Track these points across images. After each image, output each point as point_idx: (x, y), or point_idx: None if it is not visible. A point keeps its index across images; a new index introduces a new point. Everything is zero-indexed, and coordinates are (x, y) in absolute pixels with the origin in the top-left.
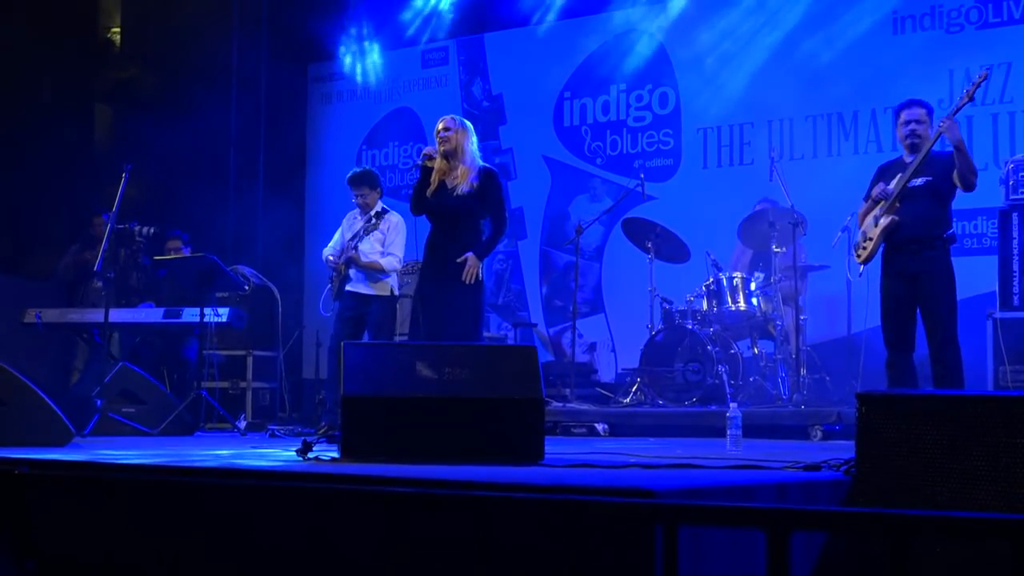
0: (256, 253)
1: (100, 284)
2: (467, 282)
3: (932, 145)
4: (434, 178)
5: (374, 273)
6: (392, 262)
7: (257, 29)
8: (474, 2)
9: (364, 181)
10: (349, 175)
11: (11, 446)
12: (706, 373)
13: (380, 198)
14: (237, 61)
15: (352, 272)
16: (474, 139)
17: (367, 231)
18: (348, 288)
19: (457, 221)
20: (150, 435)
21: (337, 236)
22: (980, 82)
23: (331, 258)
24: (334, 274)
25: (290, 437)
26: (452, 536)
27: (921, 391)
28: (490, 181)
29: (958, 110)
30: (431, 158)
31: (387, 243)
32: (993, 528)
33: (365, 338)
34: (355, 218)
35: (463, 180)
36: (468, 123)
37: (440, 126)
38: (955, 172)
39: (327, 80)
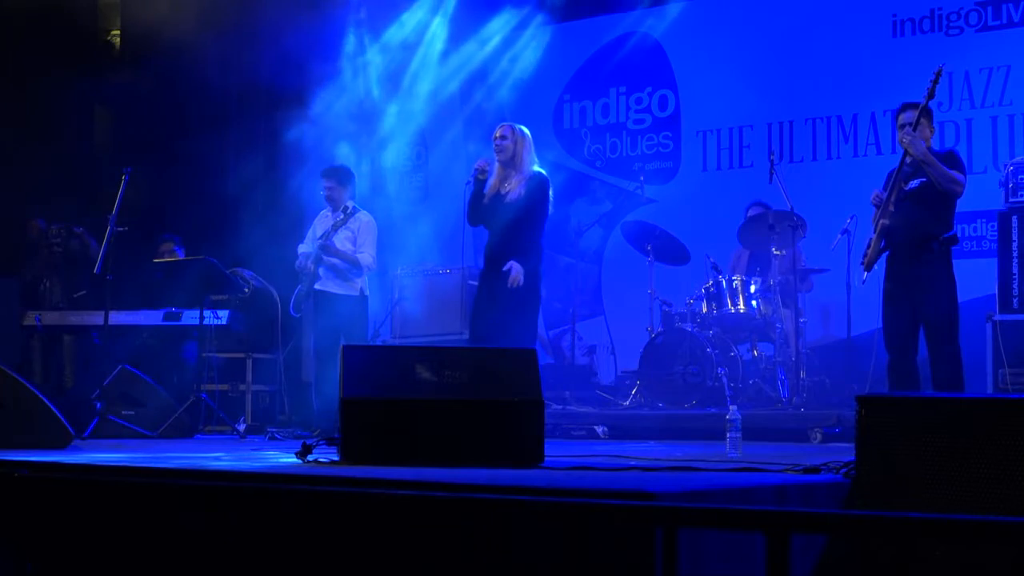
0: (256, 256)
1: (48, 284)
2: (511, 287)
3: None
4: (493, 184)
5: (345, 271)
6: (367, 259)
7: (257, 31)
8: (472, 5)
9: (334, 175)
10: (325, 167)
11: (11, 449)
12: (705, 376)
13: (350, 197)
14: (237, 64)
15: (322, 271)
16: (532, 147)
17: (336, 227)
18: (317, 287)
19: (507, 228)
20: (150, 438)
21: (310, 233)
22: (937, 79)
23: (305, 252)
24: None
25: (290, 440)
26: (452, 539)
27: (920, 394)
28: (535, 185)
29: (920, 113)
30: (483, 171)
31: (359, 243)
32: (992, 531)
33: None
34: (326, 216)
35: (515, 187)
36: (527, 131)
37: (497, 134)
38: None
39: (328, 83)
